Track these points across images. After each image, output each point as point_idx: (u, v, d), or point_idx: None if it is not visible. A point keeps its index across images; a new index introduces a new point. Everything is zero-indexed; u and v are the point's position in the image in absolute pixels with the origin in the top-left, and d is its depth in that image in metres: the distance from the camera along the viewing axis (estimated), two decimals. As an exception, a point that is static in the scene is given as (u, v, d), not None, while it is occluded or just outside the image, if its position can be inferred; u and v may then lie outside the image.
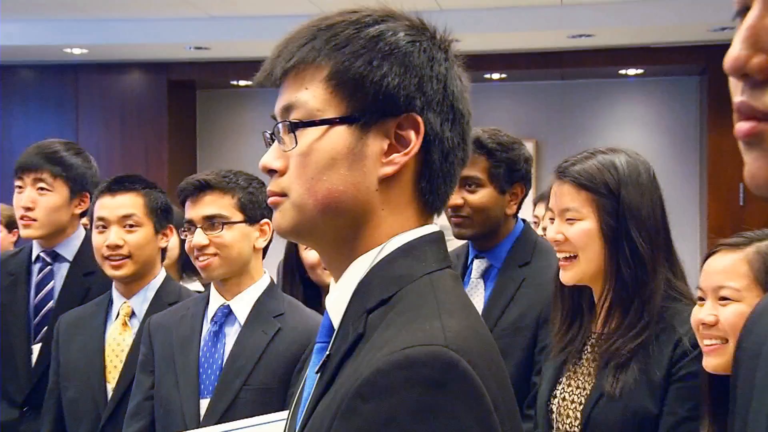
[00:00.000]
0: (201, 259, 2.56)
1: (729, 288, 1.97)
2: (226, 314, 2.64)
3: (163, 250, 3.11)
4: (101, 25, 7.72)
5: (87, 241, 3.28)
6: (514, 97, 8.73)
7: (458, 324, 1.02)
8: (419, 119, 1.06)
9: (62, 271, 3.34)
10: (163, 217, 2.98)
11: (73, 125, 8.45)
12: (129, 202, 2.89)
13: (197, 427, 2.45)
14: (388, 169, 1.06)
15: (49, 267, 3.37)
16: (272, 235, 2.67)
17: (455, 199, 2.82)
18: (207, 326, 2.64)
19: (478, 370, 0.96)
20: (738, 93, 0.74)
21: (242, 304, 2.63)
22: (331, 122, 1.07)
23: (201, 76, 8.83)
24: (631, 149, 2.38)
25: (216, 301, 2.66)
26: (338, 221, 1.10)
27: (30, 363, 3.25)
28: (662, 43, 7.88)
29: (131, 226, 2.89)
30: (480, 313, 2.80)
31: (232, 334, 2.62)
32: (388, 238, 1.10)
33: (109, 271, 2.92)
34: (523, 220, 3.02)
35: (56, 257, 3.37)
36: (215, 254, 2.51)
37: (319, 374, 1.12)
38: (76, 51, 8.19)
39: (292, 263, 3.55)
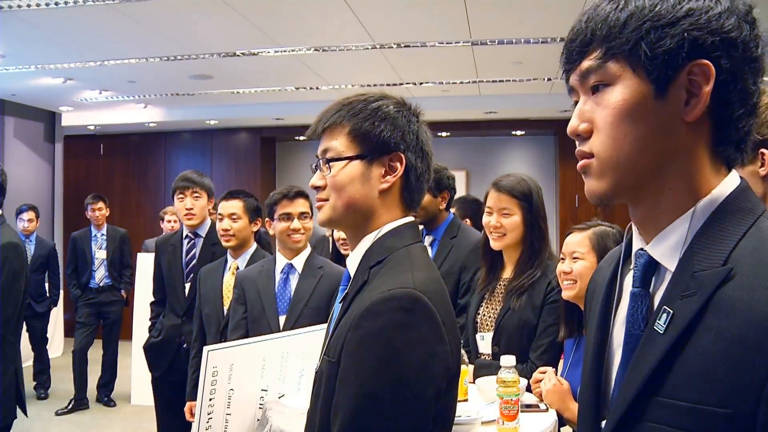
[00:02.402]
0: (296, 237, 3.19)
1: (578, 252, 2.49)
2: (290, 267, 3.22)
3: (255, 233, 3.78)
4: (225, 108, 9.61)
5: (212, 226, 4.13)
6: (455, 147, 10.53)
7: (422, 276, 1.32)
8: (402, 156, 1.41)
9: (200, 243, 4.19)
10: (254, 213, 3.71)
11: (209, 164, 10.48)
12: (235, 204, 3.66)
13: (278, 332, 2.94)
14: (384, 186, 1.40)
15: (192, 241, 4.20)
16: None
17: None
18: (278, 275, 3.20)
19: (433, 302, 1.27)
20: (577, 146, 0.98)
21: (299, 262, 3.22)
22: (351, 158, 1.40)
23: (279, 134, 10.67)
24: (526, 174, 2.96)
25: (281, 260, 3.23)
26: (355, 216, 1.43)
27: (184, 293, 4.08)
28: (535, 118, 9.70)
29: (235, 218, 3.66)
30: None
31: (294, 279, 3.20)
32: (383, 225, 1.44)
33: (224, 244, 3.68)
34: (454, 213, 3.81)
35: (196, 235, 4.19)
36: (303, 234, 3.20)
37: (341, 303, 1.43)
38: (212, 122, 10.09)
39: (335, 248, 4.59)
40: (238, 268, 3.63)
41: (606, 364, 1.04)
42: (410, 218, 1.49)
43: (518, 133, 10.40)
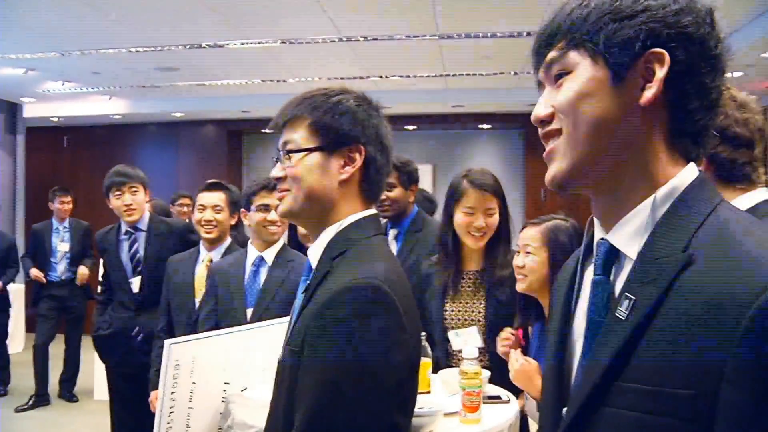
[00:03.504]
0: (272, 228, 3.18)
1: (530, 246, 2.52)
2: (260, 259, 3.21)
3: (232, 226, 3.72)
4: (191, 100, 9.58)
5: (152, 218, 4.17)
6: (422, 140, 10.44)
7: (382, 267, 1.35)
8: (362, 148, 1.44)
9: (142, 237, 4.14)
10: (235, 206, 3.62)
11: (175, 157, 10.56)
12: (218, 196, 3.61)
13: (245, 324, 2.90)
14: (344, 176, 1.42)
15: (133, 236, 4.15)
16: None
17: (381, 196, 3.59)
18: (249, 267, 3.19)
19: (394, 292, 1.29)
20: (541, 131, 1.01)
21: (270, 254, 3.20)
22: (310, 150, 1.43)
23: (246, 127, 10.66)
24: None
25: (253, 252, 3.22)
26: (315, 207, 1.45)
27: (130, 288, 4.05)
28: (502, 112, 9.77)
29: (218, 210, 3.60)
30: None
31: (264, 271, 3.18)
32: (346, 217, 1.45)
33: (205, 235, 3.59)
34: (418, 207, 3.77)
35: (137, 230, 4.14)
36: (280, 226, 3.19)
37: (303, 294, 1.45)
38: (179, 115, 10.08)
39: (294, 234, 4.58)
40: (211, 260, 3.60)
41: (568, 353, 1.06)
42: (373, 211, 1.51)
43: (485, 126, 10.52)
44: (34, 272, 6.82)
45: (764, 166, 1.96)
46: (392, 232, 3.68)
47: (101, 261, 4.36)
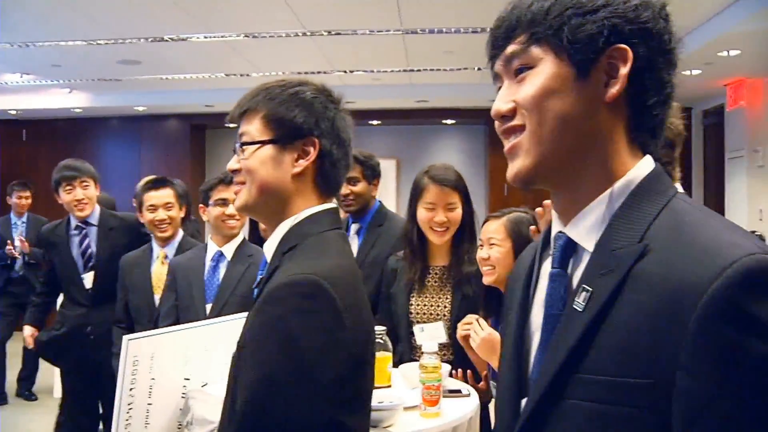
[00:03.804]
0: (231, 222, 3.18)
1: (495, 238, 2.55)
2: (220, 254, 3.22)
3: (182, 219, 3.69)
4: (154, 94, 9.50)
5: (103, 212, 4.08)
6: (386, 135, 10.50)
7: (330, 262, 1.33)
8: (316, 141, 1.42)
9: (93, 231, 4.05)
10: (184, 199, 3.66)
11: (138, 151, 10.48)
12: (168, 193, 3.58)
13: (205, 319, 2.81)
14: (297, 169, 1.41)
15: (84, 230, 4.07)
16: None
17: (344, 190, 3.46)
18: (208, 263, 3.19)
19: (337, 289, 1.26)
20: (501, 126, 1.00)
21: (229, 249, 3.22)
22: (263, 142, 1.42)
23: (210, 121, 10.59)
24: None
25: (212, 247, 3.23)
26: (270, 200, 1.43)
27: (83, 284, 3.97)
28: (466, 107, 9.75)
29: (170, 207, 3.57)
30: (355, 255, 3.35)
31: (223, 266, 3.19)
32: (301, 211, 1.43)
33: (159, 234, 3.56)
34: (380, 201, 3.74)
35: (88, 224, 4.06)
36: (239, 220, 3.18)
37: (256, 289, 1.50)
38: (141, 109, 10.04)
39: (255, 229, 4.54)
40: (166, 257, 3.58)
41: (525, 346, 1.06)
42: (331, 204, 1.49)
43: (449, 122, 10.60)
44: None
45: (679, 166, 2.18)
46: (354, 227, 3.68)
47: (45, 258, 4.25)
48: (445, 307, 2.87)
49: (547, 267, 1.05)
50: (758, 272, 0.78)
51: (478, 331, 2.42)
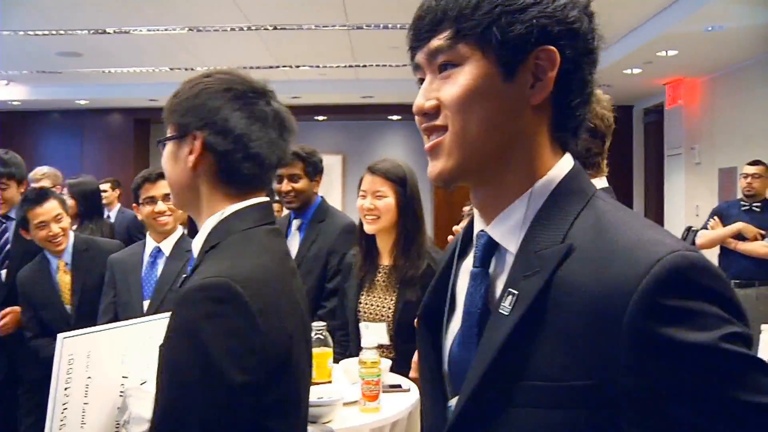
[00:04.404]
0: (162, 219, 3.10)
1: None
2: (158, 251, 3.17)
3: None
4: (96, 87, 9.33)
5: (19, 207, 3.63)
6: (332, 130, 10.62)
7: (246, 263, 1.28)
8: (199, 136, 1.36)
9: (12, 225, 3.79)
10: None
11: (80, 146, 10.30)
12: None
13: (142, 316, 2.80)
14: (190, 163, 1.38)
15: (5, 225, 3.82)
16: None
17: (286, 187, 3.46)
18: (146, 259, 3.15)
19: (251, 291, 1.21)
20: (424, 123, 0.97)
21: (167, 245, 3.16)
22: (163, 140, 1.43)
23: (154, 116, 10.29)
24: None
25: (150, 244, 3.17)
26: (183, 196, 1.43)
27: (1, 280, 3.67)
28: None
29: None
30: (297, 250, 3.38)
31: (161, 262, 3.14)
32: (227, 207, 1.39)
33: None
34: (322, 197, 3.69)
35: (8, 218, 3.81)
36: (170, 215, 3.12)
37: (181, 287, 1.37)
38: (83, 102, 9.88)
39: (192, 222, 4.49)
40: (66, 264, 3.47)
41: (445, 343, 1.05)
42: (259, 199, 1.44)
43: (395, 117, 10.68)
44: None
45: (606, 158, 2.17)
46: (296, 223, 3.63)
47: None
48: (389, 308, 2.84)
49: (468, 264, 1.03)
50: (684, 268, 0.79)
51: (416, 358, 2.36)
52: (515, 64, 0.92)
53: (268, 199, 1.46)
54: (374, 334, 2.77)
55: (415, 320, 1.11)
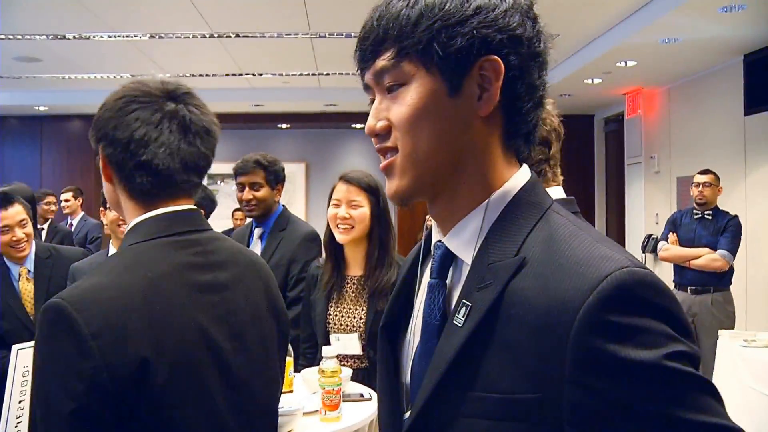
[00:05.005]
0: (125, 226, 3.38)
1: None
2: None
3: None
4: (56, 93, 9.21)
5: None
6: (295, 138, 10.56)
7: (96, 283, 1.20)
8: (101, 149, 1.34)
9: None
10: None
11: (39, 152, 10.13)
12: (17, 210, 3.31)
13: None
14: (104, 178, 1.37)
15: None
16: None
17: (247, 196, 3.51)
18: None
19: (84, 313, 1.13)
20: (377, 144, 0.97)
21: None
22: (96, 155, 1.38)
23: None
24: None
25: (112, 252, 3.15)
26: (119, 210, 1.42)
27: None
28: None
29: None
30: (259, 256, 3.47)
31: None
32: (132, 220, 1.36)
33: (18, 254, 3.29)
34: (283, 205, 3.71)
35: None
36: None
37: None
38: (42, 108, 9.68)
39: None
40: (29, 272, 3.40)
41: (403, 352, 1.05)
42: (168, 209, 1.36)
43: (358, 126, 10.58)
44: None
45: (560, 167, 1.99)
46: (257, 231, 3.66)
47: None
48: (360, 319, 2.83)
49: (427, 275, 1.03)
50: (630, 284, 0.79)
51: None
52: (460, 77, 0.92)
53: (185, 207, 1.37)
54: (346, 345, 2.76)
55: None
